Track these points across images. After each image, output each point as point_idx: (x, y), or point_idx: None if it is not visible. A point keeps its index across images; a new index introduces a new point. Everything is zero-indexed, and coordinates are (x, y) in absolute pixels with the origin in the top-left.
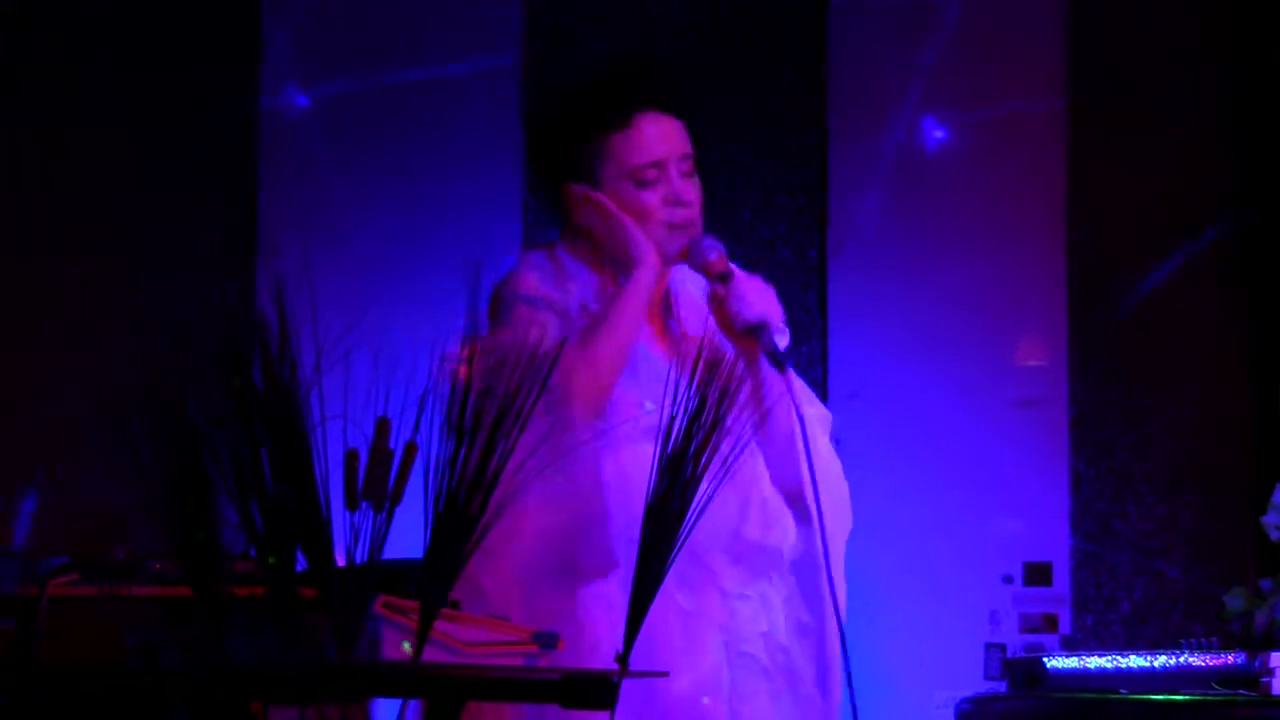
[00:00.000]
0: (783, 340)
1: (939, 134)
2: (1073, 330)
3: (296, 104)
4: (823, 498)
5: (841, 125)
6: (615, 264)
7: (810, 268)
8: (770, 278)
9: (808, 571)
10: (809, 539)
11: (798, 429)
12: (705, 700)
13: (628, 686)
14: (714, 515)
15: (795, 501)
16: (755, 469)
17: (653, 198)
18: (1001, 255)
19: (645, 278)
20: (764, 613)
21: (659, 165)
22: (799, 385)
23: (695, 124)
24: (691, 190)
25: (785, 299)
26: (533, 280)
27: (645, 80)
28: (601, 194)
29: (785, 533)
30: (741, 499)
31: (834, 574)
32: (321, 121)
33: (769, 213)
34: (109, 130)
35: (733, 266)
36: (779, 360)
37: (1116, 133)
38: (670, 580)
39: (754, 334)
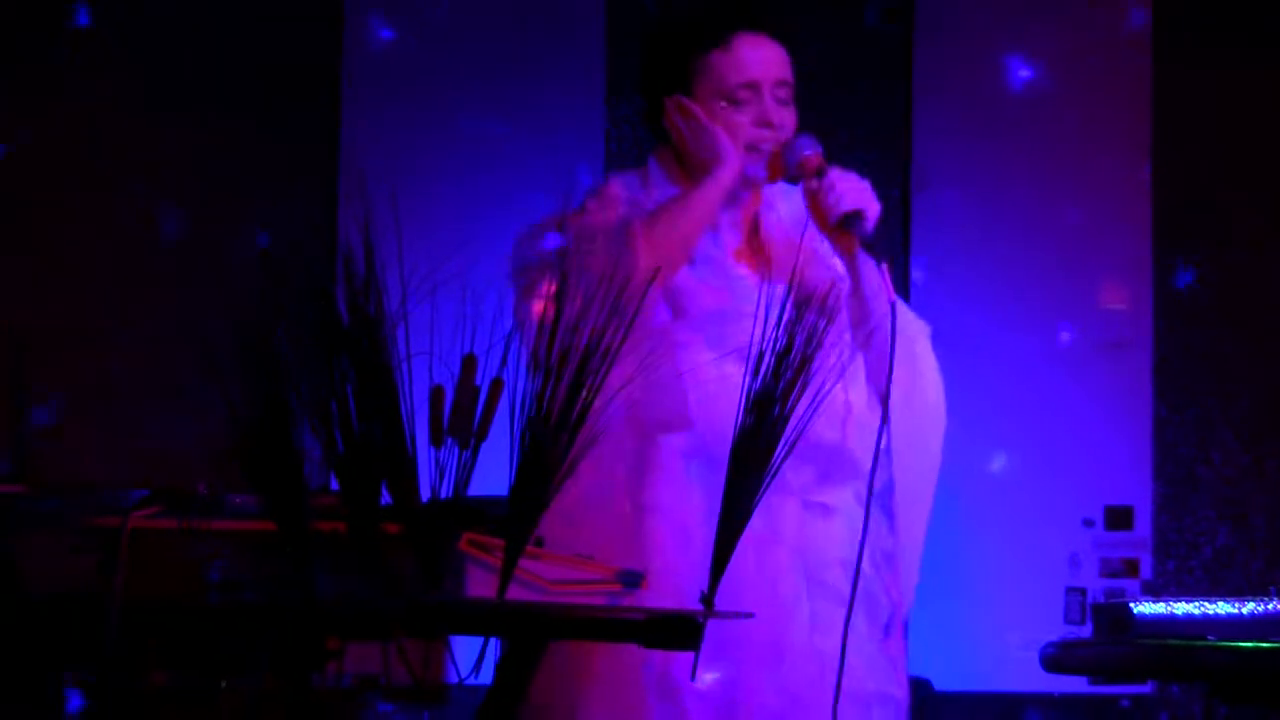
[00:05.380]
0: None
1: (1023, 73)
2: (1158, 273)
3: (380, 34)
4: (917, 399)
5: (926, 62)
6: (699, 169)
7: (892, 207)
8: None
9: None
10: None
11: (888, 320)
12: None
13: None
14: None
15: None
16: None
17: (743, 118)
18: (1085, 196)
19: (725, 175)
20: (847, 536)
21: (752, 86)
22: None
23: (799, 57)
24: (783, 116)
25: None
26: (618, 185)
27: (746, 3)
28: (694, 103)
29: (866, 436)
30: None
31: (922, 482)
32: (404, 51)
33: (851, 149)
34: (193, 66)
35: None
36: (876, 251)
37: (1202, 74)
38: None
39: (849, 225)
